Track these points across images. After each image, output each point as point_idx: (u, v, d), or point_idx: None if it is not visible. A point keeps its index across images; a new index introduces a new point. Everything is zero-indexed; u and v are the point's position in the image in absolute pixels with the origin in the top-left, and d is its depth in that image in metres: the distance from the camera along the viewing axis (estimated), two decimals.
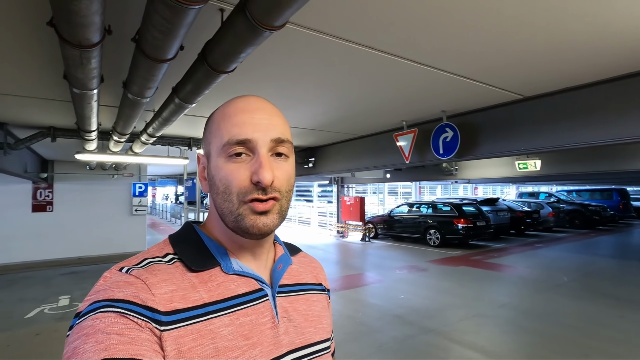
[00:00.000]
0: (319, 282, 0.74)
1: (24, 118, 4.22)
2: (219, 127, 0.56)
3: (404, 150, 4.60)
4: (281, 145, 0.57)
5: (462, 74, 2.82)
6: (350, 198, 12.53)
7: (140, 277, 0.51)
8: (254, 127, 0.55)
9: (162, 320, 0.48)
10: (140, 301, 0.48)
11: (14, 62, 2.49)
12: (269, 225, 0.55)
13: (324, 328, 0.67)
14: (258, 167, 0.53)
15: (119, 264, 0.54)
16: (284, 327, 0.59)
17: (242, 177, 0.54)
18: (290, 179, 0.59)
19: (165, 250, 0.57)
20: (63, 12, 1.27)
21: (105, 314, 0.45)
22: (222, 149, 0.55)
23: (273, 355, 0.56)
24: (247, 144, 0.54)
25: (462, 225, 9.88)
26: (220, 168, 0.55)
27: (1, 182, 7.91)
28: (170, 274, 0.53)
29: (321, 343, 0.65)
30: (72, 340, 0.44)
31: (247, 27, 1.42)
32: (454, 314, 4.76)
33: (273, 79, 2.94)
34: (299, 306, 0.65)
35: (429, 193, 24.04)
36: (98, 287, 0.50)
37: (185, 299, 0.51)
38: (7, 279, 7.01)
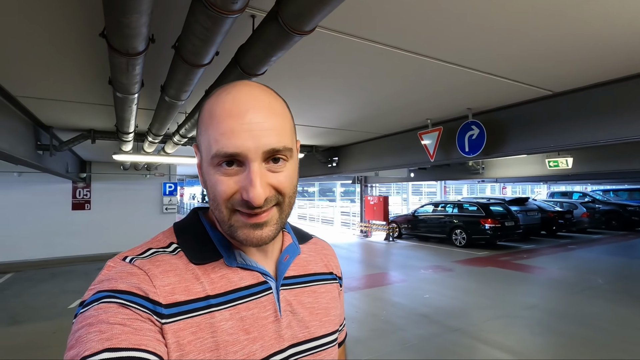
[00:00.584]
0: (329, 271, 0.71)
1: (67, 122, 4.53)
2: (207, 130, 0.51)
3: (429, 149, 4.59)
4: (279, 153, 0.51)
5: (489, 71, 2.81)
6: (373, 197, 12.50)
7: (142, 268, 0.50)
8: (244, 137, 0.48)
9: (162, 313, 0.48)
10: (142, 293, 0.47)
11: (63, 70, 2.71)
12: (264, 238, 0.52)
13: (331, 320, 0.65)
14: (248, 184, 0.49)
15: (123, 252, 0.53)
16: (286, 321, 0.58)
17: (229, 189, 0.50)
18: (291, 183, 0.54)
19: (169, 240, 0.56)
20: (115, 24, 1.40)
21: (108, 305, 0.45)
22: (211, 160, 0.50)
23: (274, 350, 0.55)
24: (236, 157, 0.49)
25: (490, 226, 9.64)
26: (210, 175, 0.52)
27: (45, 182, 8.47)
28: (173, 265, 0.52)
29: (326, 337, 0.63)
30: (76, 329, 0.44)
31: (279, 32, 1.51)
32: (480, 314, 4.69)
33: (298, 80, 3.03)
34: (305, 299, 0.62)
35: (454, 193, 23.54)
36: (102, 276, 0.49)
37: (188, 291, 0.51)
38: (50, 272, 7.50)
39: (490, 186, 23.60)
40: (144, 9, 1.29)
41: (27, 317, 4.82)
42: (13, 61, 2.53)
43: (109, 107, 3.71)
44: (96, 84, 3.01)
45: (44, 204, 8.61)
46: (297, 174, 0.56)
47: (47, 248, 8.57)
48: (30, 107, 3.84)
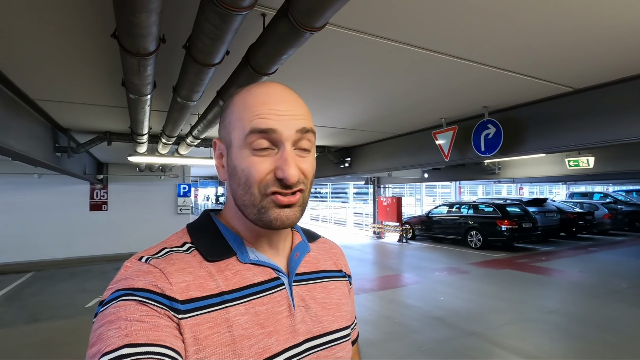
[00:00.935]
0: (338, 269, 0.73)
1: (84, 124, 4.62)
2: (241, 117, 0.55)
3: (443, 149, 4.50)
4: (305, 138, 0.55)
5: (506, 68, 2.72)
6: (386, 198, 12.38)
7: (158, 267, 0.52)
8: (278, 119, 0.53)
9: (179, 309, 0.49)
10: (158, 290, 0.49)
11: (79, 73, 2.75)
12: (291, 218, 0.55)
13: (343, 316, 0.67)
14: (283, 162, 0.52)
15: (139, 253, 0.55)
16: (300, 315, 0.59)
17: (264, 170, 0.53)
18: (312, 171, 0.58)
19: (183, 240, 0.58)
20: (126, 24, 1.40)
21: (126, 302, 0.47)
22: (245, 140, 0.53)
23: (289, 344, 0.56)
24: (271, 134, 0.53)
25: (506, 227, 9.42)
26: (242, 159, 0.54)
27: (63, 184, 8.69)
28: (188, 262, 0.54)
29: (340, 331, 0.64)
30: (96, 327, 0.46)
31: (289, 29, 1.48)
32: (497, 318, 4.57)
33: (310, 80, 3.00)
34: (317, 294, 0.64)
35: (469, 193, 23.14)
36: (119, 276, 0.51)
37: (202, 288, 0.52)
38: (69, 271, 7.68)
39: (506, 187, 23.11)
40: (153, 8, 1.28)
41: (47, 315, 4.93)
42: (31, 66, 2.58)
43: (124, 109, 3.76)
44: (110, 86, 3.05)
45: (63, 204, 8.84)
46: (315, 165, 0.60)
47: (66, 248, 8.80)
48: (48, 110, 3.93)
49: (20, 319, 4.78)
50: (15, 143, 3.27)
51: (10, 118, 3.15)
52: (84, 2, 1.73)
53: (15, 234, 8.31)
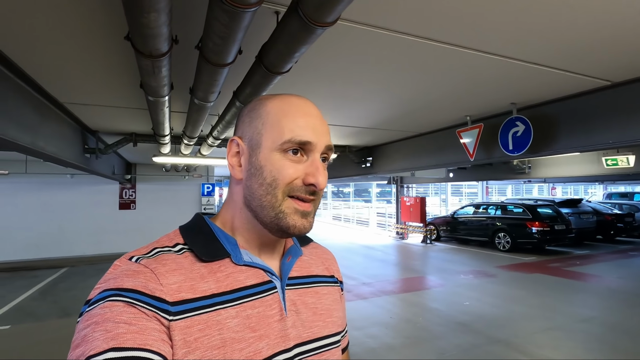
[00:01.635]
0: (330, 274, 0.73)
1: (111, 126, 4.77)
2: (280, 122, 0.57)
3: (468, 147, 4.32)
4: (329, 152, 0.60)
5: (537, 62, 2.55)
6: (410, 198, 12.14)
7: (149, 267, 0.51)
8: (315, 132, 0.57)
9: (170, 311, 0.48)
10: (148, 291, 0.48)
11: (102, 76, 2.82)
12: (307, 227, 0.57)
13: (334, 322, 0.66)
14: (315, 170, 0.56)
15: (129, 252, 0.55)
16: (291, 320, 0.59)
17: (294, 174, 0.55)
18: (327, 181, 0.61)
19: (175, 240, 0.58)
20: (136, 25, 1.39)
21: (114, 303, 0.45)
22: (281, 145, 0.55)
23: (280, 348, 0.55)
24: (307, 146, 0.56)
25: (537, 229, 8.99)
26: (274, 161, 0.56)
27: (94, 183, 9.07)
28: (179, 264, 0.53)
29: (330, 337, 0.64)
30: (81, 327, 0.45)
31: (300, 25, 1.43)
32: (527, 325, 4.34)
33: (327, 79, 2.94)
34: (308, 299, 0.64)
35: (497, 193, 22.32)
36: (108, 275, 0.50)
37: (194, 289, 0.51)
38: (99, 268, 8.00)
39: (537, 187, 22.13)
40: (161, 7, 1.26)
41: (77, 310, 5.14)
42: (60, 71, 2.67)
43: (146, 111, 3.84)
44: (132, 88, 3.11)
45: (94, 203, 9.23)
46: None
47: (97, 245, 9.18)
48: (77, 113, 4.08)
49: (53, 313, 5.01)
50: (46, 145, 3.40)
51: (41, 121, 3.28)
52: (102, 8, 1.75)
53: (51, 231, 8.76)
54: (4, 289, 6.28)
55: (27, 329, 4.42)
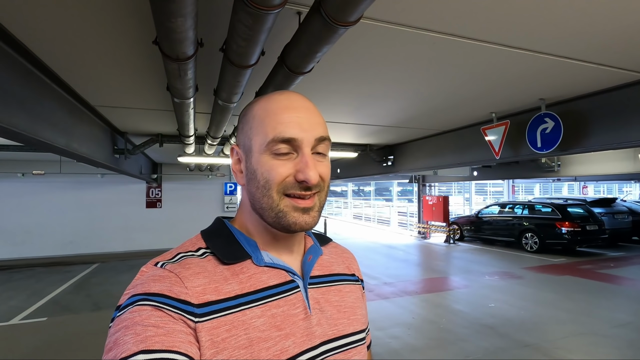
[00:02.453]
0: (351, 273, 0.73)
1: (138, 127, 4.94)
2: (263, 123, 0.57)
3: (494, 145, 4.19)
4: (322, 144, 0.58)
5: (567, 55, 2.45)
6: (432, 197, 11.93)
7: (173, 271, 0.52)
8: (300, 126, 0.56)
9: (195, 313, 0.49)
10: (174, 294, 0.49)
11: (131, 79, 2.93)
12: (310, 223, 0.57)
13: (358, 319, 0.66)
14: (304, 166, 0.54)
15: (154, 259, 0.56)
16: (316, 318, 0.59)
17: (284, 173, 0.55)
18: (329, 174, 0.60)
19: (197, 245, 0.59)
20: (164, 30, 1.44)
21: (142, 307, 0.47)
22: (267, 146, 0.55)
23: (306, 346, 0.55)
24: (293, 142, 0.55)
25: (567, 229, 8.63)
26: (263, 163, 0.56)
27: (122, 183, 9.43)
28: (203, 267, 0.55)
29: (355, 334, 0.64)
30: (113, 332, 0.47)
31: (322, 25, 1.44)
32: (557, 329, 4.19)
33: (348, 78, 2.93)
34: (331, 297, 0.64)
35: (524, 192, 21.58)
36: (136, 281, 0.52)
37: (218, 291, 0.53)
38: (128, 264, 8.31)
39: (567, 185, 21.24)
40: (187, 12, 1.30)
41: (108, 304, 5.37)
42: (92, 75, 2.79)
43: (172, 112, 3.96)
44: (159, 90, 3.21)
45: (123, 202, 9.60)
46: (330, 170, 0.61)
47: (126, 242, 9.55)
48: (107, 115, 4.25)
49: (86, 307, 5.25)
50: (79, 147, 3.56)
51: (75, 124, 3.44)
52: (131, 15, 1.81)
53: (83, 228, 9.17)
54: (41, 283, 6.64)
55: (63, 321, 4.65)
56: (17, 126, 2.24)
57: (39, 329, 4.35)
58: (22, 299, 5.58)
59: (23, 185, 8.74)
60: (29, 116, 2.45)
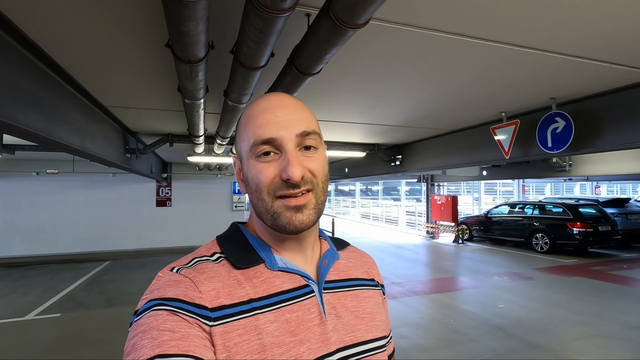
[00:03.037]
0: (370, 277, 0.71)
1: (149, 127, 5.02)
2: (245, 129, 0.58)
3: (503, 145, 4.16)
4: (308, 138, 0.57)
5: (579, 54, 2.42)
6: (441, 197, 11.85)
7: (188, 276, 0.53)
8: (278, 125, 0.55)
9: (210, 317, 0.50)
10: (189, 299, 0.50)
11: (143, 81, 2.98)
12: (305, 222, 0.55)
13: (377, 326, 0.65)
14: (286, 164, 0.54)
15: (170, 264, 0.57)
16: (332, 323, 0.58)
17: (270, 174, 0.55)
18: (323, 169, 0.58)
19: (212, 250, 0.60)
20: (177, 33, 1.47)
21: (158, 312, 0.48)
22: (251, 150, 0.56)
23: (321, 353, 0.54)
24: (273, 142, 0.55)
25: (579, 230, 8.51)
26: (251, 168, 0.57)
27: (133, 182, 9.57)
28: (217, 271, 0.55)
29: (374, 341, 0.62)
30: (131, 336, 0.48)
31: (331, 28, 1.45)
32: (568, 331, 4.14)
33: (356, 78, 2.94)
34: (348, 302, 0.63)
35: (535, 192, 21.29)
36: (152, 286, 0.53)
37: (231, 295, 0.53)
38: (139, 262, 8.44)
39: (579, 185, 20.89)
40: (200, 16, 1.33)
41: (120, 300, 5.47)
42: (105, 76, 2.85)
43: (182, 113, 4.01)
44: (169, 91, 3.26)
45: (134, 201, 9.74)
46: (327, 165, 0.61)
47: (137, 240, 9.69)
48: (119, 116, 4.32)
49: (99, 303, 5.35)
50: (92, 146, 3.64)
51: (88, 124, 3.51)
52: (143, 17, 1.85)
53: (96, 226, 9.34)
54: (55, 279, 6.78)
55: (76, 317, 4.75)
56: (33, 127, 2.30)
57: (53, 325, 4.45)
58: (37, 295, 5.72)
59: (37, 184, 8.93)
60: (45, 117, 2.52)
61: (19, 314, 4.84)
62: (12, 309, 5.09)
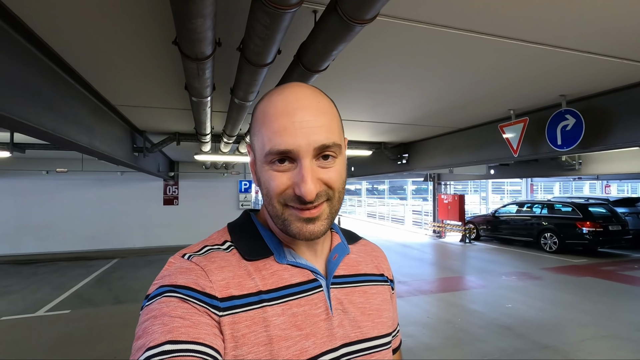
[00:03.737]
0: (380, 273, 0.71)
1: (157, 126, 5.05)
2: (260, 131, 0.54)
3: (512, 143, 4.11)
4: (328, 149, 0.53)
5: (590, 50, 2.38)
6: (447, 196, 11.77)
7: (199, 264, 0.53)
8: (295, 135, 0.50)
9: (219, 306, 0.50)
10: (199, 287, 0.50)
11: (150, 79, 3.00)
12: (316, 233, 0.53)
13: (384, 322, 0.64)
14: (300, 180, 0.51)
15: (182, 250, 0.57)
16: (338, 319, 0.58)
17: (283, 185, 0.52)
18: (340, 178, 0.55)
19: (223, 238, 0.60)
20: (184, 30, 1.47)
21: (169, 299, 0.48)
22: (265, 157, 0.53)
23: (326, 348, 0.54)
24: (289, 154, 0.51)
25: (588, 229, 8.39)
26: (264, 172, 0.54)
27: (141, 180, 9.65)
28: (227, 261, 0.55)
29: (380, 338, 0.62)
30: (142, 320, 0.48)
31: (338, 23, 1.44)
32: (577, 331, 4.09)
33: (364, 75, 2.93)
34: (356, 298, 0.62)
35: (543, 191, 21.06)
36: (164, 272, 0.53)
37: (241, 286, 0.53)
38: (147, 259, 8.51)
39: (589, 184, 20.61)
40: (207, 13, 1.33)
41: (128, 297, 5.53)
42: (113, 75, 2.87)
43: (189, 112, 4.03)
44: (177, 90, 3.28)
45: (141, 199, 9.83)
46: (345, 170, 0.58)
47: (145, 238, 9.79)
48: (127, 114, 4.36)
49: (107, 300, 5.41)
50: (101, 145, 3.67)
51: (96, 123, 3.54)
52: (151, 15, 1.86)
53: (104, 224, 9.45)
54: (64, 276, 6.87)
55: (85, 313, 4.81)
56: (44, 125, 2.33)
57: (63, 321, 4.51)
58: (47, 292, 5.80)
59: (47, 183, 9.05)
60: (55, 116, 2.55)
61: (30, 310, 4.91)
62: (23, 305, 5.17)
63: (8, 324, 4.45)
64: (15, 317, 4.67)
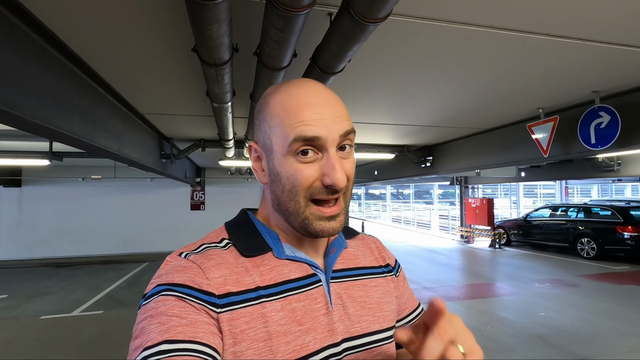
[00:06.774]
0: (383, 264, 0.70)
1: (183, 133, 5.22)
2: (283, 123, 0.53)
3: (541, 143, 3.93)
4: (347, 138, 0.54)
5: (624, 42, 2.24)
6: (475, 200, 11.41)
7: (196, 262, 0.53)
8: (322, 124, 0.52)
9: (217, 303, 0.50)
10: (196, 285, 0.50)
11: (176, 88, 3.11)
12: (337, 228, 0.55)
13: (385, 316, 0.64)
14: (330, 169, 0.51)
15: (179, 249, 0.57)
16: (338, 314, 0.57)
17: (311, 177, 0.52)
18: (354, 170, 0.57)
19: (221, 236, 0.60)
20: (201, 37, 1.52)
21: (166, 297, 0.48)
22: (289, 147, 0.52)
23: (327, 343, 0.54)
24: (316, 141, 0.51)
25: (630, 234, 7.87)
26: (287, 166, 0.53)
27: (169, 186, 10.00)
28: (225, 258, 0.55)
29: (381, 332, 0.61)
30: (139, 320, 0.48)
31: (351, 24, 1.44)
32: (619, 342, 3.82)
33: (384, 77, 2.90)
34: (355, 292, 0.62)
35: (579, 194, 19.98)
36: (160, 271, 0.53)
37: (239, 283, 0.53)
38: None
39: (630, 186, 19.36)
40: (222, 18, 1.36)
41: None
42: (141, 85, 3.01)
43: (212, 118, 4.14)
44: (200, 97, 3.38)
45: (170, 205, 10.18)
46: (355, 164, 0.58)
47: (174, 242, 10.08)
48: (155, 122, 4.54)
49: (137, 302, 5.59)
50: (131, 152, 3.84)
51: (126, 131, 3.71)
52: (172, 26, 1.94)
53: (135, 229, 9.85)
54: (98, 279, 7.20)
55: (117, 314, 5.01)
56: (76, 133, 2.46)
57: (96, 321, 4.72)
58: (82, 293, 6.09)
59: (83, 189, 9.57)
60: (87, 124, 2.69)
61: (67, 310, 5.17)
62: (60, 305, 5.45)
63: (47, 323, 4.70)
64: (54, 317, 4.93)
